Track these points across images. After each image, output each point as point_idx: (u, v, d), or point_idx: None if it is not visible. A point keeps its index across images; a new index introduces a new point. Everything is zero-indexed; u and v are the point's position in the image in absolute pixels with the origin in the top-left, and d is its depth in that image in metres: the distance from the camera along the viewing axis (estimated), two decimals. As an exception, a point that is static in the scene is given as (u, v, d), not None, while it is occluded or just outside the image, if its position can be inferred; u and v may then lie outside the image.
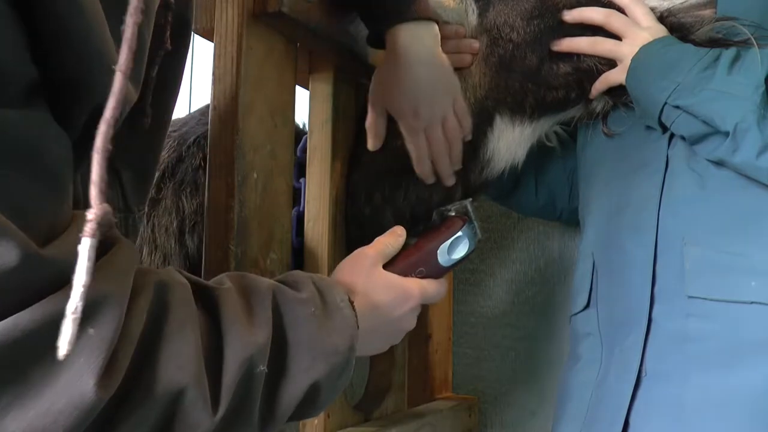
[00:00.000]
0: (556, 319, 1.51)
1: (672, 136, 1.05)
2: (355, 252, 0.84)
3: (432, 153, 1.10)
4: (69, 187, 0.52)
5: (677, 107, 0.98)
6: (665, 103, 0.99)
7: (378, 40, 1.06)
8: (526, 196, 1.37)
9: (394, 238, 0.86)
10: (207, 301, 0.61)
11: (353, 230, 1.17)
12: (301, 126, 1.18)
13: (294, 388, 0.66)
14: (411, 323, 0.84)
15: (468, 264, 1.60)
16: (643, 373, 1.00)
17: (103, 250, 0.50)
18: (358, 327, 0.72)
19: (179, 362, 0.54)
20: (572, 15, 1.09)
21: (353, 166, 1.18)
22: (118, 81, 0.48)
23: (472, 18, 1.13)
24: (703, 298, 0.96)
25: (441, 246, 0.85)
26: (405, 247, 0.87)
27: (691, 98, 0.96)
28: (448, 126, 1.09)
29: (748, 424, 0.91)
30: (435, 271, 0.85)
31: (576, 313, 1.19)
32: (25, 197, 0.46)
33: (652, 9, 1.08)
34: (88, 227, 0.46)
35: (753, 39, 0.96)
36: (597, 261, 1.14)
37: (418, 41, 1.02)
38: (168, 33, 0.68)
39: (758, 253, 0.94)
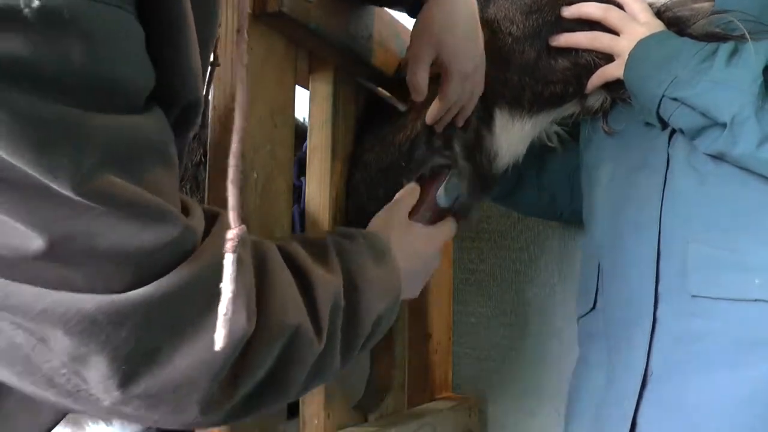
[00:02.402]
0: (556, 319, 1.51)
1: (672, 133, 1.05)
2: (385, 208, 1.00)
3: (456, 104, 1.06)
4: (179, 177, 0.61)
5: (675, 99, 0.98)
6: (663, 96, 0.99)
7: (417, 7, 1.04)
8: (527, 196, 1.37)
9: (411, 192, 1.02)
10: (283, 255, 0.70)
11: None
12: (301, 120, 1.18)
13: (365, 322, 0.76)
14: (438, 261, 1.02)
15: (468, 264, 1.61)
16: (650, 373, 1.00)
17: (213, 221, 0.61)
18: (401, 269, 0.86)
19: (288, 304, 0.65)
20: (570, 11, 1.10)
21: (354, 166, 1.18)
22: (239, 118, 0.60)
23: None
24: (706, 296, 0.96)
25: (438, 191, 1.04)
26: None
27: (689, 90, 0.96)
28: (476, 79, 1.05)
29: (754, 423, 0.91)
30: (438, 213, 1.03)
31: (583, 316, 1.19)
32: (165, 185, 0.55)
33: (650, 5, 1.09)
34: (230, 245, 0.55)
35: (748, 34, 0.96)
36: (601, 261, 1.14)
37: None
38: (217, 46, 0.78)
39: (761, 250, 0.94)
